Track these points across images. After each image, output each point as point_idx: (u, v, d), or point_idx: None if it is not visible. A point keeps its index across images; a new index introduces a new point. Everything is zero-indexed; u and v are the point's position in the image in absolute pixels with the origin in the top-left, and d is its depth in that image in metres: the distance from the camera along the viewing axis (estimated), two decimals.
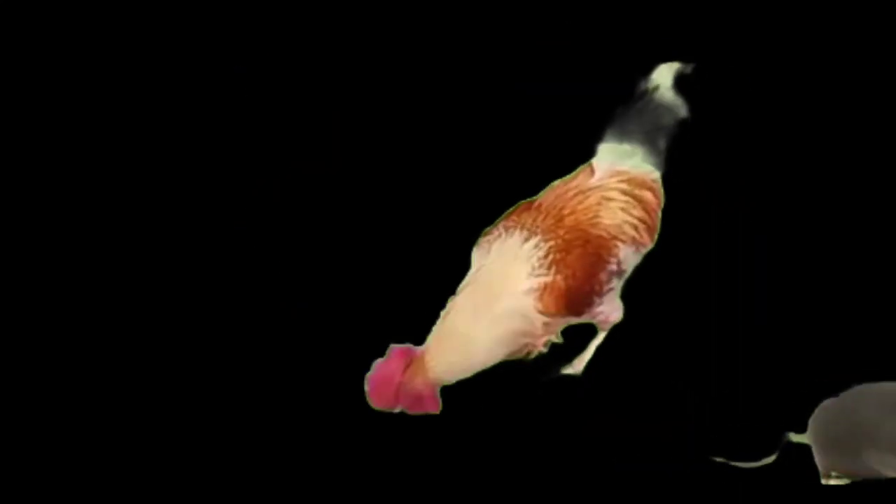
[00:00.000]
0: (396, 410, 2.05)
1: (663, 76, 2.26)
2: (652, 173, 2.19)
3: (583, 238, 2.07)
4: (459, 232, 2.33)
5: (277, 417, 2.13)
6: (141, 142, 2.53)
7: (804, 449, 2.00)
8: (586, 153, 2.41)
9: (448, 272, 2.28)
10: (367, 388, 2.03)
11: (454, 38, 2.60)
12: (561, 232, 2.07)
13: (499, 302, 2.03)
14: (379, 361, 2.03)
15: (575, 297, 2.05)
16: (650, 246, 2.16)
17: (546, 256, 2.04)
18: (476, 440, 2.10)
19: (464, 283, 2.08)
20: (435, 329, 2.06)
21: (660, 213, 2.18)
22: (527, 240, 2.06)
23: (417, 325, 2.22)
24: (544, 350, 2.18)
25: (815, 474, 1.98)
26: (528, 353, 2.16)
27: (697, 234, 2.33)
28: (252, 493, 2.05)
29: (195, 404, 2.15)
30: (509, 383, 2.14)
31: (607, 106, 2.48)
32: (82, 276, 2.34)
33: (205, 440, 2.10)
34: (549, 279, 2.03)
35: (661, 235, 2.19)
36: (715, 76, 2.43)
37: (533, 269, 2.04)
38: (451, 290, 2.10)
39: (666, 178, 2.21)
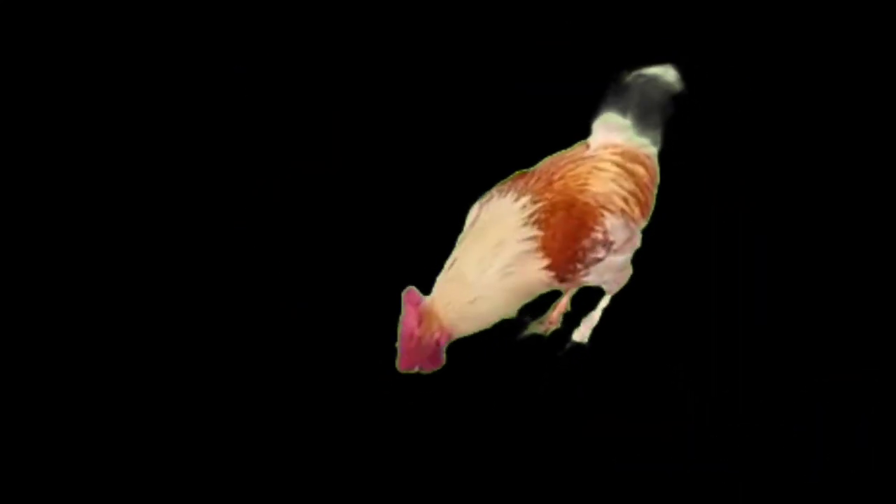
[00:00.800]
0: (415, 369, 2.07)
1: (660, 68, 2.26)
2: (645, 147, 2.20)
3: (568, 202, 2.09)
4: (458, 232, 2.34)
5: (275, 415, 2.13)
6: (141, 142, 2.53)
7: (804, 449, 1.99)
8: None
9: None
10: (399, 349, 2.05)
11: (454, 38, 2.60)
12: (549, 195, 2.09)
13: (499, 248, 2.05)
14: (402, 320, 2.06)
15: (556, 256, 2.06)
16: (643, 222, 2.17)
17: (533, 215, 2.06)
18: (476, 439, 2.10)
19: (460, 237, 2.11)
20: (440, 278, 2.09)
21: (654, 190, 2.19)
22: (517, 200, 2.09)
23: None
24: (559, 326, 2.23)
25: (815, 474, 1.98)
26: (546, 332, 2.22)
27: (700, 231, 2.33)
28: (247, 484, 2.05)
29: (196, 403, 2.14)
30: (509, 383, 2.15)
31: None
32: (82, 276, 2.34)
33: (205, 439, 2.10)
34: (538, 233, 2.05)
35: (663, 233, 2.19)
36: (716, 72, 2.43)
37: (524, 222, 2.06)
38: None
39: (667, 166, 2.21)
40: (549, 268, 2.06)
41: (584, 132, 2.26)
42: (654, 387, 2.14)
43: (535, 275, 2.06)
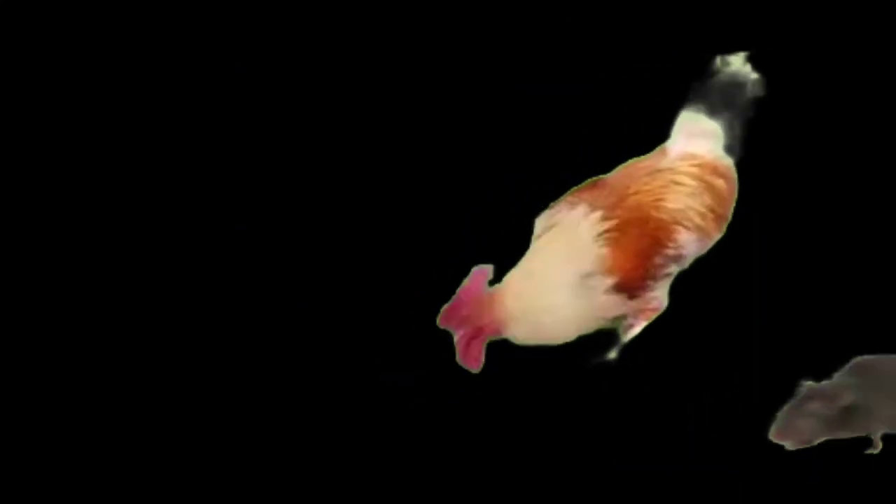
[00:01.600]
0: (455, 338, 2.03)
1: (736, 58, 2.18)
2: (725, 159, 2.12)
3: (642, 219, 2.03)
4: (457, 232, 2.34)
5: (275, 416, 2.13)
6: (141, 142, 2.53)
7: (805, 448, 1.99)
8: (586, 153, 2.42)
9: (446, 271, 2.29)
10: (447, 304, 2.03)
11: (454, 38, 2.60)
12: (620, 212, 2.03)
13: (569, 264, 2.00)
14: (464, 283, 2.03)
15: (627, 276, 2.01)
16: (717, 236, 2.11)
17: (604, 233, 2.01)
18: (477, 439, 2.10)
19: (533, 245, 2.06)
20: (512, 273, 2.04)
21: (732, 203, 2.12)
22: (588, 214, 2.03)
23: (418, 325, 2.23)
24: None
25: (814, 475, 1.98)
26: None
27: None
28: (247, 485, 2.05)
29: (196, 403, 2.14)
30: (513, 385, 2.14)
31: (607, 106, 2.49)
32: (81, 276, 2.34)
33: (205, 439, 2.10)
34: (607, 253, 2.00)
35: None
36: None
37: (594, 240, 2.01)
38: (449, 289, 2.10)
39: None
40: (617, 287, 2.01)
41: (584, 132, 2.26)
42: (654, 387, 2.14)
43: (602, 296, 2.01)
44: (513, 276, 2.05)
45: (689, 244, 2.06)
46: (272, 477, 2.03)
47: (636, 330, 2.13)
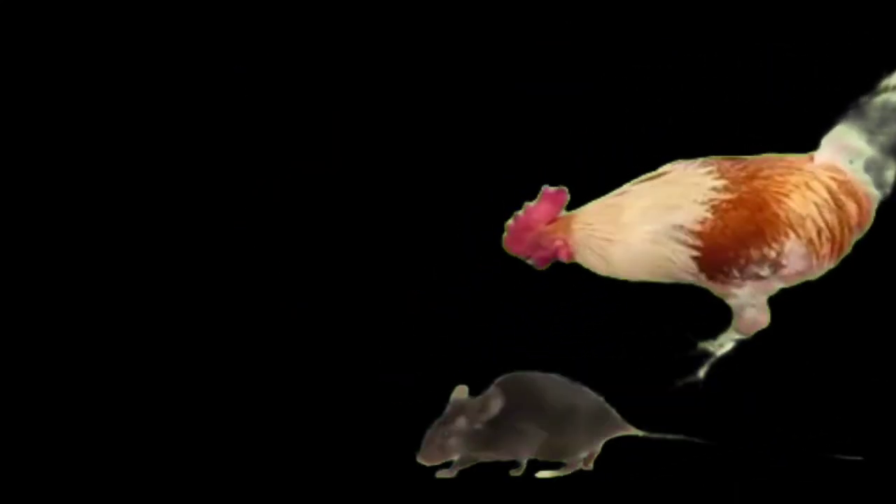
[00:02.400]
0: (529, 261, 2.02)
1: None
2: (867, 185, 1.98)
3: (759, 204, 1.94)
4: (457, 232, 2.34)
5: (275, 416, 2.13)
6: (141, 142, 2.53)
7: (805, 447, 1.99)
8: (585, 153, 2.42)
9: (446, 272, 2.29)
10: (508, 228, 2.00)
11: (454, 38, 2.60)
12: (744, 188, 1.95)
13: (667, 212, 1.95)
14: (529, 204, 1.99)
15: (715, 253, 1.93)
16: (828, 263, 1.99)
17: (716, 199, 1.94)
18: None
19: (642, 178, 2.00)
20: (597, 201, 2.01)
21: (857, 235, 2.00)
22: (714, 178, 1.96)
23: (419, 325, 2.23)
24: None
25: (815, 474, 1.98)
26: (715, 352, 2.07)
27: None
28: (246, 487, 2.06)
29: (195, 403, 2.14)
30: None
31: (608, 106, 2.49)
32: (81, 276, 2.34)
33: (205, 440, 2.09)
34: (709, 218, 1.93)
35: None
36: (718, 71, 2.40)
37: (703, 202, 1.94)
38: (448, 288, 2.10)
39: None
40: (698, 259, 1.94)
41: (583, 132, 2.26)
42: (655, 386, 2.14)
43: (681, 256, 1.95)
44: (595, 205, 2.01)
45: (794, 256, 1.96)
46: (272, 477, 2.03)
47: (728, 347, 2.07)
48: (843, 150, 2.00)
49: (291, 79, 2.59)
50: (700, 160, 2.02)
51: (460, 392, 1.94)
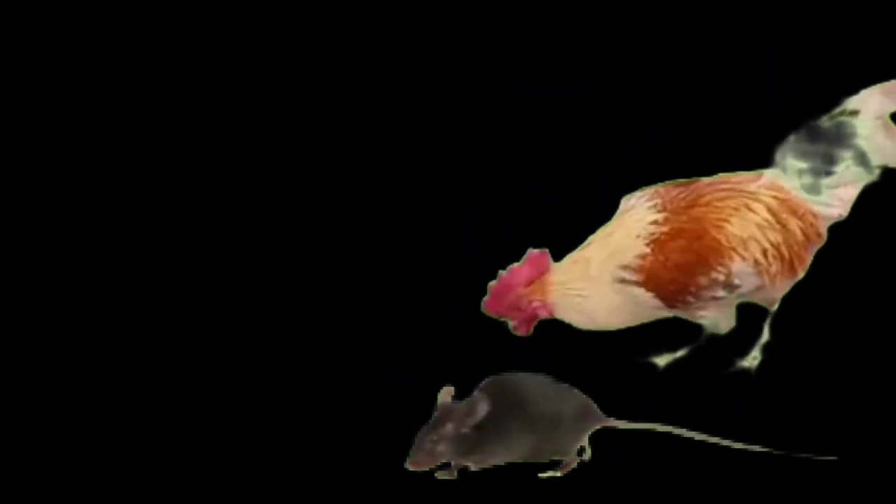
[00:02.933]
0: (507, 322, 2.05)
1: (871, 102, 1.98)
2: (813, 203, 1.98)
3: (697, 233, 1.96)
4: (457, 232, 2.34)
5: (275, 417, 2.13)
6: (140, 142, 2.53)
7: (804, 448, 1.99)
8: (585, 153, 2.42)
9: (446, 272, 2.29)
10: (489, 290, 2.03)
11: (454, 38, 2.60)
12: (683, 218, 1.97)
13: (617, 255, 1.98)
14: (513, 266, 2.02)
15: (662, 284, 1.96)
16: (785, 279, 1.99)
17: (655, 233, 1.97)
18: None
19: (603, 227, 2.03)
20: (569, 256, 2.03)
21: (809, 250, 1.99)
22: (654, 210, 1.99)
23: (419, 325, 2.23)
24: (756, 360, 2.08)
25: (814, 474, 1.98)
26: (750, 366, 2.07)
27: None
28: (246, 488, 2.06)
29: (195, 403, 2.14)
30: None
31: (608, 106, 2.49)
32: (81, 277, 2.34)
33: (205, 440, 2.09)
34: (648, 254, 1.96)
35: None
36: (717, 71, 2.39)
37: (644, 238, 1.97)
38: (447, 288, 2.10)
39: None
40: (650, 292, 1.98)
41: (583, 132, 2.26)
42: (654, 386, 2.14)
43: (641, 295, 1.98)
44: (567, 262, 2.04)
45: (744, 276, 1.97)
46: (271, 477, 2.03)
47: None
48: (788, 168, 2.01)
49: (291, 79, 2.59)
50: (650, 190, 2.04)
51: (446, 394, 1.94)
